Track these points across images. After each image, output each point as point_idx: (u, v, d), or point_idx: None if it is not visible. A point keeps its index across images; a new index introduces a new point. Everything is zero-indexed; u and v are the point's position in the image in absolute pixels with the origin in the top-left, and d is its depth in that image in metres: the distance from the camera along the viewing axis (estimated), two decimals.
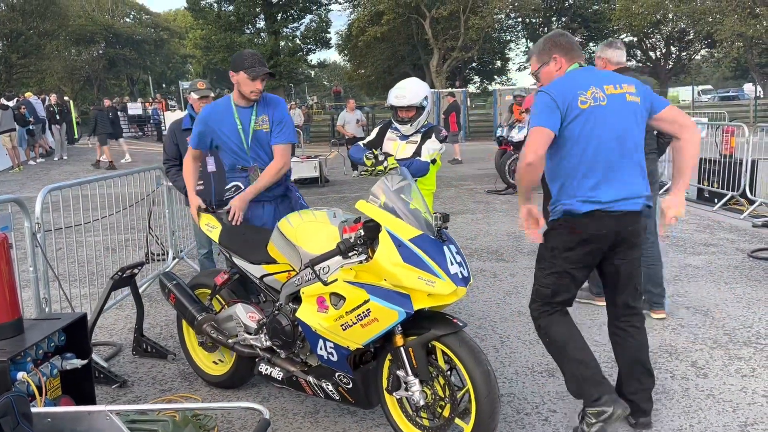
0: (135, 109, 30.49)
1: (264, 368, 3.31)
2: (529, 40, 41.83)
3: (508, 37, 43.00)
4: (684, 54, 41.31)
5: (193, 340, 3.81)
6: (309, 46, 38.06)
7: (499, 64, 46.49)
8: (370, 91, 45.32)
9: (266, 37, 36.02)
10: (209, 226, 3.64)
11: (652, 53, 42.48)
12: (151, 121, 29.54)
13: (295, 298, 3.11)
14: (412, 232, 2.67)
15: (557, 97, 2.77)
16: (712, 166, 9.19)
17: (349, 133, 14.33)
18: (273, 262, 3.21)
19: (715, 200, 8.98)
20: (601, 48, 4.51)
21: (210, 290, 3.63)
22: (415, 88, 4.11)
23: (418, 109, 4.11)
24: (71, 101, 24.34)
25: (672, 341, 4.16)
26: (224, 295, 3.60)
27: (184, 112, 5.14)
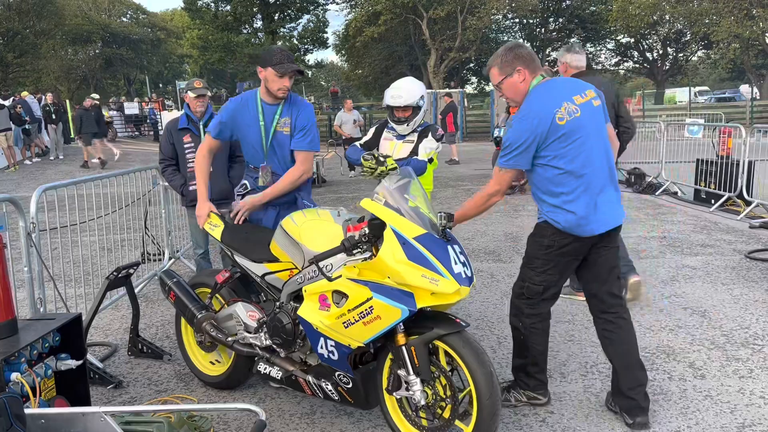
0: (132, 108, 30.45)
1: (263, 367, 3.30)
2: (527, 41, 41.89)
3: (506, 38, 43.05)
4: (681, 55, 41.48)
5: (191, 340, 3.79)
6: (306, 46, 38.06)
7: None
8: (368, 92, 45.34)
9: (263, 37, 35.99)
10: (211, 224, 3.62)
11: (648, 54, 42.63)
12: (148, 121, 29.49)
13: (297, 297, 3.10)
14: (417, 230, 2.66)
15: (538, 127, 2.85)
16: (709, 167, 9.20)
17: (346, 133, 14.32)
18: (275, 260, 3.20)
19: (712, 201, 8.99)
20: (562, 53, 4.72)
21: (210, 289, 3.61)
22: (411, 88, 4.10)
23: (415, 109, 4.11)
24: (68, 101, 24.29)
25: (669, 342, 4.16)
26: (224, 293, 3.58)
27: (181, 112, 5.11)
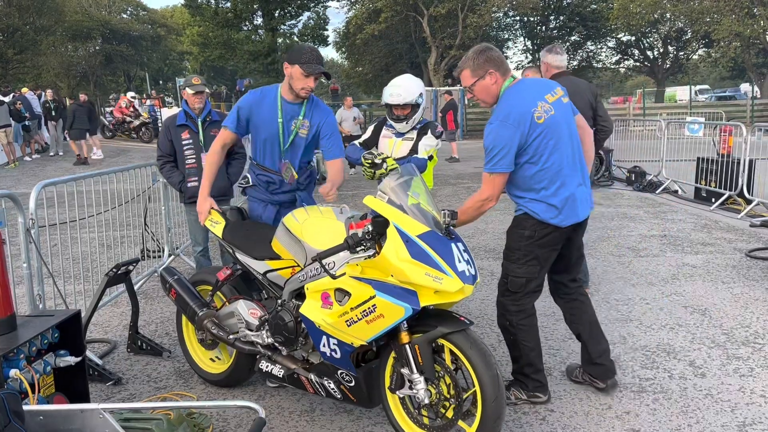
0: None
1: (265, 365, 3.28)
2: (527, 39, 41.83)
3: (506, 36, 42.99)
4: (681, 53, 41.38)
5: (192, 338, 3.78)
6: (307, 43, 37.96)
7: None
8: (368, 89, 45.25)
9: (264, 34, 35.90)
10: (212, 221, 3.61)
11: (649, 52, 42.54)
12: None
13: (298, 295, 3.08)
14: (420, 228, 2.65)
15: (519, 127, 2.94)
16: (710, 165, 9.19)
17: (346, 130, 14.29)
18: (277, 257, 3.18)
19: (713, 199, 8.98)
20: (543, 53, 4.94)
21: (211, 286, 3.60)
22: (410, 86, 4.08)
23: (413, 107, 4.09)
24: (67, 98, 24.24)
25: (670, 341, 4.15)
26: (226, 291, 3.57)
27: (179, 108, 5.10)
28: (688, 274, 5.63)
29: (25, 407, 1.98)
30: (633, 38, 39.92)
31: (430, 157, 4.17)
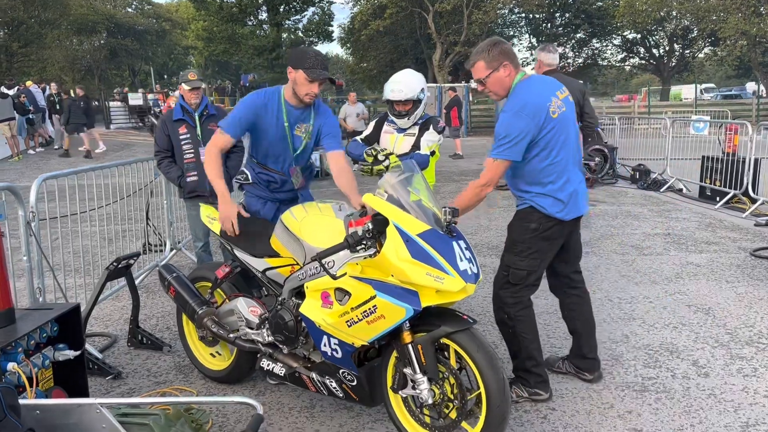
0: (136, 99, 30.43)
1: (266, 364, 3.24)
2: (533, 36, 41.69)
3: (512, 33, 42.83)
4: (687, 52, 41.18)
5: (193, 334, 3.76)
6: (311, 39, 37.93)
7: None
8: (372, 85, 45.16)
9: (268, 29, 35.92)
10: (210, 218, 3.58)
11: (655, 50, 42.36)
12: (152, 112, 29.46)
13: (298, 293, 3.05)
14: (421, 226, 2.60)
15: (534, 119, 2.98)
16: (715, 164, 9.14)
17: (350, 126, 14.27)
18: (276, 255, 3.15)
19: (717, 198, 8.93)
20: (537, 51, 5.24)
21: (211, 283, 3.56)
22: (411, 81, 4.02)
23: (415, 102, 4.03)
24: (62, 92, 24.23)
25: (673, 340, 4.12)
26: (225, 288, 3.53)
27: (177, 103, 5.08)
28: (692, 273, 5.59)
29: (22, 401, 1.97)
30: (639, 36, 39.76)
31: (432, 153, 4.13)
